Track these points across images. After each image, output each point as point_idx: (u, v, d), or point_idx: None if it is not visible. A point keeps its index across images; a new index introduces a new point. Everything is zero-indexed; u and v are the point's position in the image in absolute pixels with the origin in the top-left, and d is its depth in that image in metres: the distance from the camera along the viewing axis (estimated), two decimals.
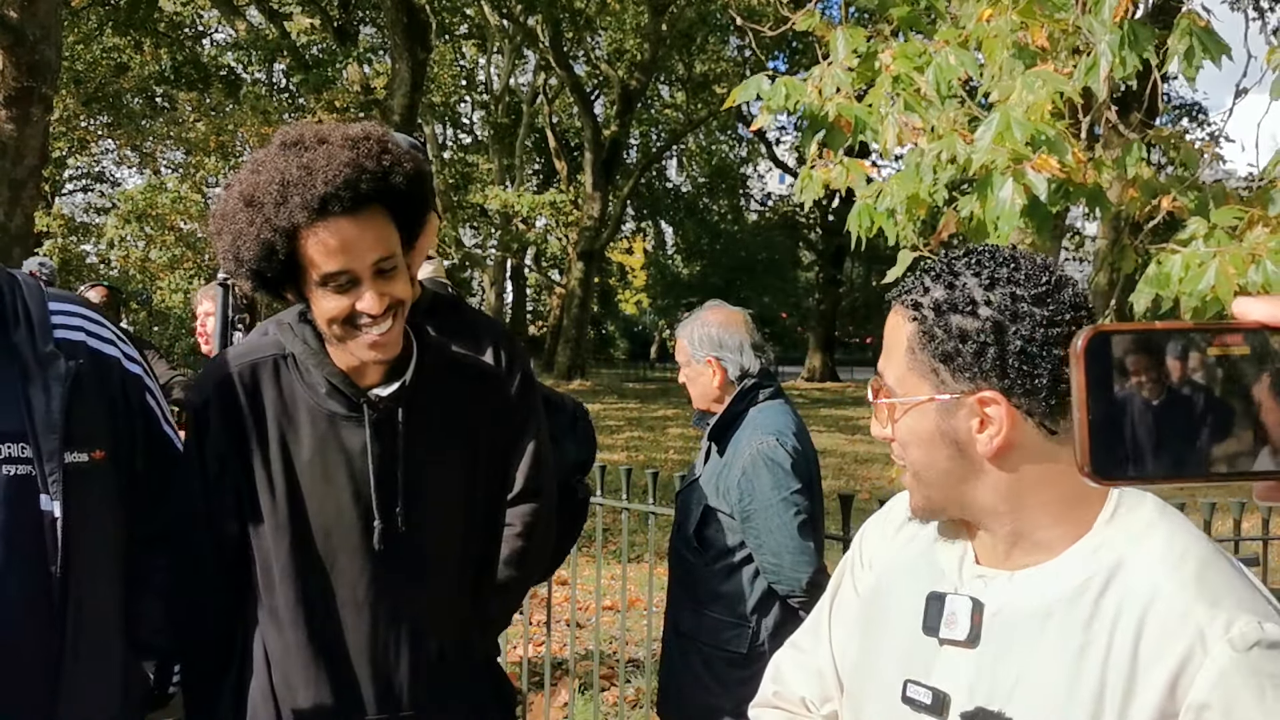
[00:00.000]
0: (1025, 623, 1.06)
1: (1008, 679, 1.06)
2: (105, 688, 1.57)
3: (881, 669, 1.20)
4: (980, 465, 1.08)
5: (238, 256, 1.55)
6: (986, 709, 1.06)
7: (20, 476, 1.44)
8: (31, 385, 1.46)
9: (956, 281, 1.07)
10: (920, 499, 1.15)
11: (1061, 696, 1.02)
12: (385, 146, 1.57)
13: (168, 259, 13.76)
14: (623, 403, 22.98)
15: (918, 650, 1.15)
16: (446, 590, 1.75)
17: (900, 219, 2.73)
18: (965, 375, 1.06)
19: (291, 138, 1.56)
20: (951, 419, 1.08)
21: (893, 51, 2.80)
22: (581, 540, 6.15)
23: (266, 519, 1.64)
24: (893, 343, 1.13)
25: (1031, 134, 2.41)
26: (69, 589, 1.47)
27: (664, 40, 27.15)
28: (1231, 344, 0.52)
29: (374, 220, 1.55)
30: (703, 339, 2.70)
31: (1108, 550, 1.05)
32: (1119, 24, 2.42)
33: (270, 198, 1.50)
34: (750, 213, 41.95)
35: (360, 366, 1.65)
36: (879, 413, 1.15)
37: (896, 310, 1.12)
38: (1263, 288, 2.24)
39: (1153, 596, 1.00)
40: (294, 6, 23.45)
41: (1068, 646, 1.03)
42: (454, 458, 1.74)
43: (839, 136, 2.85)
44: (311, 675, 1.65)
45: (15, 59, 9.17)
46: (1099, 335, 0.52)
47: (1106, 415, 0.52)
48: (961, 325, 1.05)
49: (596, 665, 4.05)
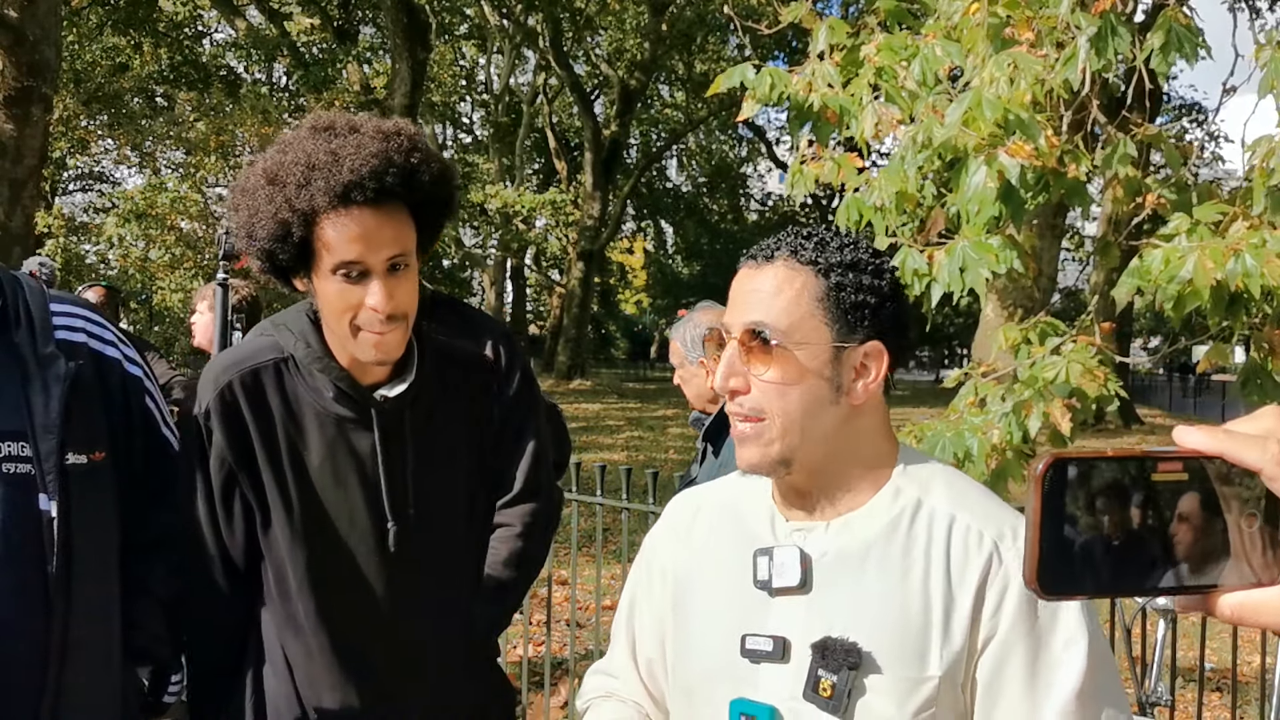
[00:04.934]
0: (850, 563, 1.20)
1: (842, 613, 1.18)
2: (101, 692, 1.56)
3: (709, 634, 1.27)
4: (845, 412, 1.21)
5: (251, 233, 1.53)
6: (830, 638, 1.17)
7: (20, 475, 1.43)
8: (31, 385, 1.46)
9: (847, 248, 1.22)
10: (778, 449, 1.20)
11: (894, 615, 1.17)
12: (416, 144, 1.55)
13: (167, 259, 13.75)
14: (623, 403, 22.97)
15: (749, 605, 1.24)
16: (455, 589, 1.76)
17: (889, 213, 2.75)
18: (864, 325, 1.20)
19: (324, 123, 1.55)
20: (839, 365, 1.20)
21: (877, 44, 2.81)
22: (581, 540, 6.16)
23: (281, 528, 1.62)
24: (779, 293, 1.20)
25: (1001, 114, 2.43)
26: (64, 589, 1.46)
27: (664, 40, 27.14)
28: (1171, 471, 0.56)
29: (394, 216, 1.53)
30: (695, 340, 2.71)
31: (906, 493, 1.23)
32: (1099, 16, 2.44)
33: (294, 178, 1.48)
34: (750, 213, 41.91)
35: (363, 365, 1.63)
36: (754, 359, 1.20)
37: (784, 264, 1.21)
38: (1241, 279, 2.26)
39: (950, 522, 1.19)
40: (294, 6, 23.44)
41: (891, 573, 1.18)
42: (458, 455, 1.74)
43: (826, 128, 2.86)
44: (337, 679, 1.65)
45: (15, 59, 9.18)
46: (1057, 461, 0.55)
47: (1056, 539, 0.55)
48: (869, 282, 1.20)
49: None
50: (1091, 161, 2.63)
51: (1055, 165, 2.50)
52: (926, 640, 1.15)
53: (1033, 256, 4.22)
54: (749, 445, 1.21)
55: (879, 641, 1.16)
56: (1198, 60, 2.48)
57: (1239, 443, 0.55)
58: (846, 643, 1.16)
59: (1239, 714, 3.88)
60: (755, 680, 1.21)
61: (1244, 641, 4.06)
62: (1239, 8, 6.52)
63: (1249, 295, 2.29)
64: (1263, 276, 2.24)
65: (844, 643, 1.16)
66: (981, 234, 2.54)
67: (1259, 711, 3.85)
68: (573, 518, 4.02)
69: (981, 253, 2.49)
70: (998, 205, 2.45)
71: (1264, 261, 2.24)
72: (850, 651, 1.15)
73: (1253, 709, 4.36)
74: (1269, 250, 2.27)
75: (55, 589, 1.46)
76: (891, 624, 1.16)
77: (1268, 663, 3.40)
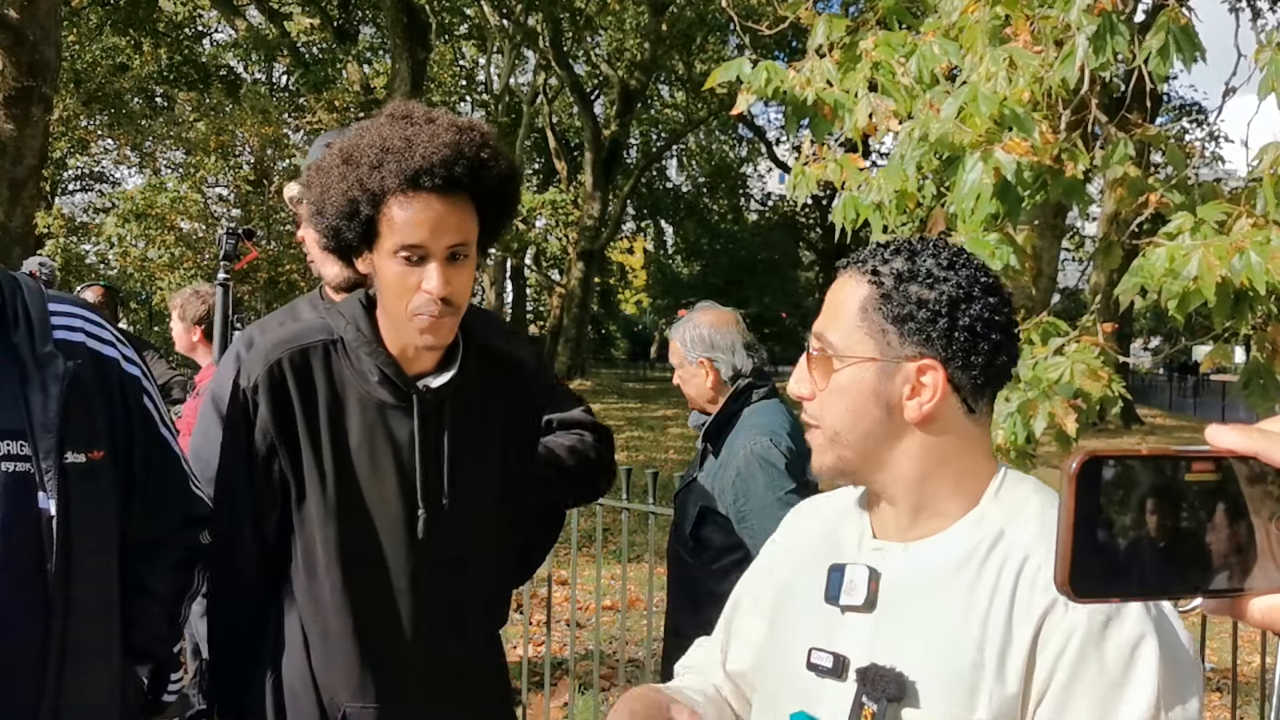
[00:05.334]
0: (918, 589, 1.16)
1: (900, 639, 1.14)
2: (100, 690, 1.56)
3: (788, 644, 1.26)
4: (902, 430, 1.16)
5: (321, 209, 1.60)
6: (879, 665, 1.13)
7: (19, 474, 1.44)
8: (30, 385, 1.46)
9: (917, 258, 1.16)
10: (832, 459, 1.20)
11: (947, 650, 1.11)
12: (487, 141, 1.62)
13: (167, 259, 13.74)
14: (623, 403, 22.98)
15: (822, 620, 1.22)
16: (480, 582, 1.79)
17: (888, 211, 2.74)
18: (913, 340, 1.14)
19: (401, 111, 1.62)
20: (889, 381, 1.15)
21: (875, 40, 2.81)
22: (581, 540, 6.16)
23: (315, 503, 1.67)
24: (840, 304, 1.19)
25: (997, 108, 2.42)
26: (64, 588, 1.47)
27: (664, 40, 27.14)
28: (1204, 471, 0.55)
29: (459, 206, 1.59)
30: (695, 340, 2.71)
31: (991, 522, 1.16)
32: (1097, 15, 2.44)
33: (367, 159, 1.54)
34: (750, 213, 41.91)
35: (412, 354, 1.68)
36: (813, 368, 1.20)
37: (850, 275, 1.19)
38: (1245, 277, 2.26)
39: (1023, 561, 1.12)
40: (294, 6, 23.45)
41: (953, 606, 1.13)
42: (492, 453, 1.78)
43: (822, 124, 2.86)
44: (354, 661, 1.68)
45: (15, 59, 9.19)
46: (1092, 460, 0.55)
47: (1089, 539, 0.54)
48: (920, 294, 1.14)
49: (596, 665, 4.06)
50: (1090, 161, 2.63)
51: (1052, 161, 2.49)
52: (978, 680, 1.10)
53: (1032, 256, 4.22)
54: (813, 455, 1.22)
55: (928, 675, 1.11)
56: (1195, 64, 2.47)
57: (1274, 443, 0.54)
58: (892, 672, 1.12)
59: (1239, 714, 3.88)
60: (820, 694, 1.19)
61: (1244, 641, 4.06)
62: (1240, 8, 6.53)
63: (1254, 293, 2.29)
64: (1268, 273, 2.24)
65: (889, 672, 1.12)
66: (978, 231, 2.53)
67: (1259, 711, 3.85)
68: (573, 518, 4.02)
69: (978, 249, 2.49)
70: (994, 202, 2.44)
71: (1269, 258, 2.24)
72: (893, 682, 1.12)
73: (1253, 709, 4.36)
74: (1274, 247, 2.26)
75: (55, 588, 1.46)
76: (943, 658, 1.11)
77: (1268, 663, 3.40)
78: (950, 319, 1.13)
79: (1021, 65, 2.50)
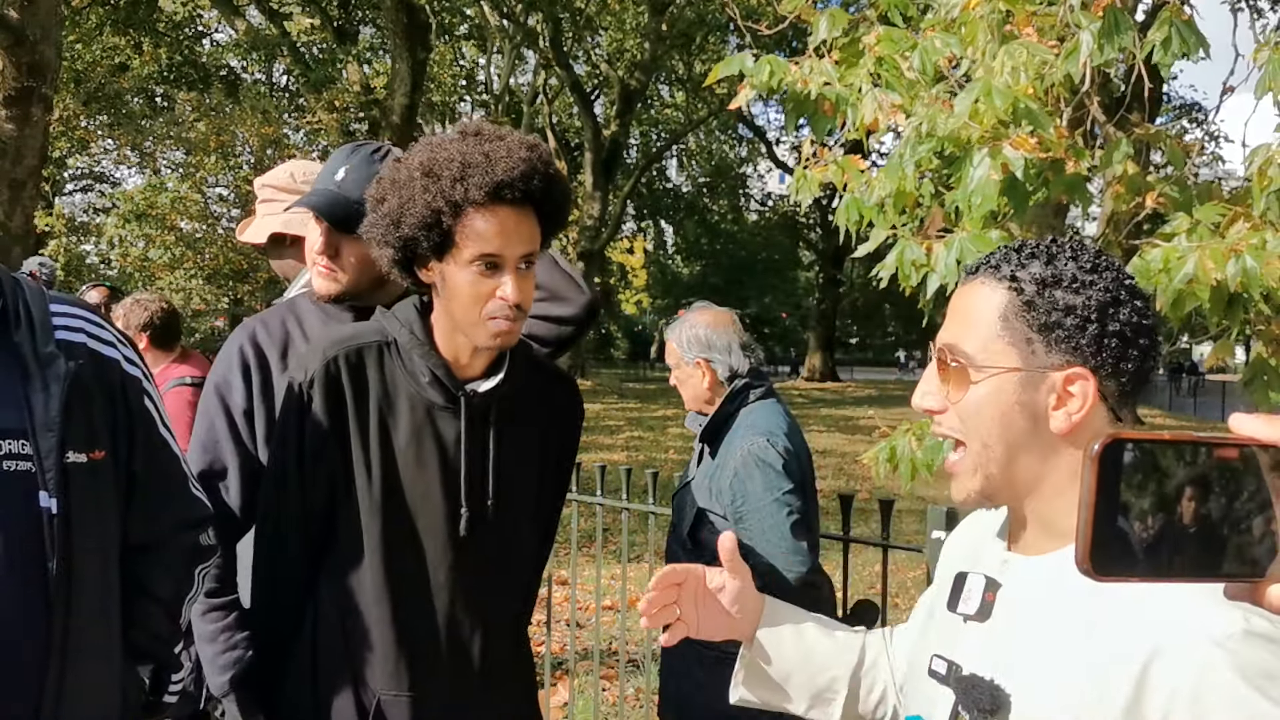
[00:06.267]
0: (1034, 605, 1.10)
1: (1011, 654, 1.10)
2: (100, 690, 1.56)
3: (921, 648, 1.27)
4: (1049, 442, 1.10)
5: (398, 220, 1.64)
6: (978, 675, 1.10)
7: (20, 473, 1.44)
8: (31, 384, 1.47)
9: (1056, 261, 1.10)
10: (977, 482, 1.14)
11: (1053, 675, 1.05)
12: (550, 160, 1.70)
13: (167, 259, 13.76)
14: (623, 403, 22.99)
15: (948, 627, 1.21)
16: (515, 584, 1.87)
17: (889, 212, 2.74)
18: (1060, 349, 1.08)
19: (472, 129, 1.70)
20: (1034, 391, 1.09)
21: (877, 34, 2.81)
22: (581, 540, 6.16)
23: (361, 496, 1.73)
24: (974, 312, 1.13)
25: (1012, 103, 2.42)
26: (65, 587, 1.47)
27: (664, 40, 27.15)
28: (1227, 457, 0.56)
29: (529, 218, 1.67)
30: (691, 340, 2.71)
31: None
32: (1098, 13, 2.44)
33: (449, 173, 1.61)
34: (750, 213, 41.91)
35: (464, 359, 1.75)
36: (946, 380, 1.14)
37: (982, 281, 1.13)
38: (1240, 281, 2.26)
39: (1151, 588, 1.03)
40: (294, 6, 23.46)
41: (1074, 627, 1.05)
42: (532, 455, 1.85)
43: (822, 121, 2.86)
44: (390, 651, 1.73)
45: (15, 59, 9.19)
46: (1115, 442, 0.55)
47: (1110, 520, 0.55)
48: (1067, 300, 1.08)
49: (596, 665, 4.06)
50: (1091, 159, 2.63)
51: (1065, 156, 2.49)
52: (1078, 712, 1.03)
53: None
54: (955, 481, 1.17)
55: (1029, 696, 1.07)
56: (1199, 57, 2.47)
57: None
58: (988, 684, 1.09)
59: None
60: (934, 700, 1.18)
61: None
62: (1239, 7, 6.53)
63: (1249, 296, 2.29)
64: (1262, 278, 2.24)
65: (985, 683, 1.09)
66: (980, 227, 2.53)
67: None
68: (573, 518, 4.03)
69: (980, 245, 2.49)
70: (999, 199, 2.44)
71: (1264, 263, 2.24)
72: (987, 694, 1.08)
73: None
74: (1270, 252, 2.27)
75: (55, 587, 1.46)
76: (1046, 682, 1.06)
77: None
78: (1100, 325, 1.07)
79: (1031, 60, 2.49)
